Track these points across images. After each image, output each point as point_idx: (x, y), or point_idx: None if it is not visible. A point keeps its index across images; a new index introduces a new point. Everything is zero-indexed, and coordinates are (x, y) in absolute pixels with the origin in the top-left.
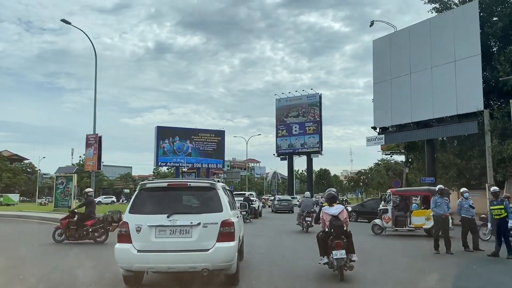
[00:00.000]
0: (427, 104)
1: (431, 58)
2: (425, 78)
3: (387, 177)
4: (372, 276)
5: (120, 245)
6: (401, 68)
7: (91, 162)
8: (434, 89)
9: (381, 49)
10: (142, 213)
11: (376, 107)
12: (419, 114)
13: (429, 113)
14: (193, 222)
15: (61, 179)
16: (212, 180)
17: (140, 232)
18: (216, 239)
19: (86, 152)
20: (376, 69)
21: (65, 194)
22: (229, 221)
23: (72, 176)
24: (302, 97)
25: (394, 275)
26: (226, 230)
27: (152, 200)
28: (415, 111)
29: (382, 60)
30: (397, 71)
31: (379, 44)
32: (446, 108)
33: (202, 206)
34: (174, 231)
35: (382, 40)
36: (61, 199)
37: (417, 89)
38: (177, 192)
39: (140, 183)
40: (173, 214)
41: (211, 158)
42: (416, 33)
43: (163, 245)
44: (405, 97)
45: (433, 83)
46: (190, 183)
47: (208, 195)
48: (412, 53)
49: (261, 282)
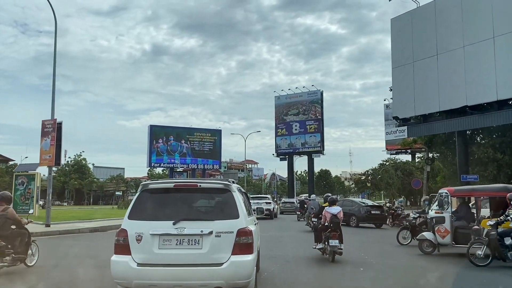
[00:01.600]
0: (459, 90)
1: (463, 35)
2: (456, 59)
3: (396, 177)
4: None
5: (116, 257)
6: (426, 49)
7: (47, 156)
8: (467, 72)
9: (401, 28)
10: (143, 219)
11: (396, 95)
12: (448, 101)
13: (461, 100)
14: (204, 231)
15: (21, 179)
16: (226, 181)
17: (141, 241)
18: (231, 251)
19: (42, 142)
20: (395, 51)
21: (26, 197)
22: (246, 229)
23: (35, 175)
24: (303, 94)
25: None
26: (243, 241)
27: (156, 204)
28: (443, 98)
29: (402, 41)
30: (421, 52)
31: (399, 22)
32: (483, 94)
33: (215, 212)
34: (181, 241)
35: (402, 18)
36: (21, 203)
37: (446, 73)
38: (185, 194)
39: (142, 183)
40: (180, 220)
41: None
42: (444, 8)
43: (168, 258)
44: (432, 82)
45: (466, 64)
46: (201, 184)
47: (221, 199)
48: (439, 31)
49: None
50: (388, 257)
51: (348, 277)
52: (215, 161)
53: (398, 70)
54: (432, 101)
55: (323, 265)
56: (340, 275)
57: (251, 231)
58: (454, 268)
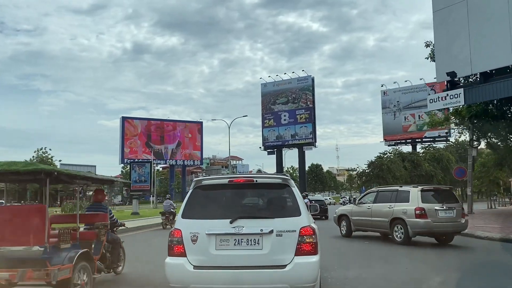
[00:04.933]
0: None
1: None
2: None
3: (404, 169)
4: None
5: (172, 259)
6: None
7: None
8: None
9: None
10: (198, 218)
11: (440, 49)
12: None
13: None
14: (264, 230)
15: None
16: (284, 175)
17: (197, 242)
18: (295, 252)
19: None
20: None
21: None
22: (309, 228)
23: None
24: (292, 80)
25: None
26: (307, 240)
27: (210, 201)
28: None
29: None
30: None
31: None
32: None
33: (274, 209)
34: (240, 241)
35: None
36: None
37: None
38: (240, 190)
39: (194, 180)
40: (237, 218)
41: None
42: None
43: (226, 260)
44: (498, 26)
45: None
46: (257, 179)
47: (281, 194)
48: None
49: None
50: None
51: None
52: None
53: (442, 14)
54: (500, 52)
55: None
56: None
57: (315, 229)
58: None
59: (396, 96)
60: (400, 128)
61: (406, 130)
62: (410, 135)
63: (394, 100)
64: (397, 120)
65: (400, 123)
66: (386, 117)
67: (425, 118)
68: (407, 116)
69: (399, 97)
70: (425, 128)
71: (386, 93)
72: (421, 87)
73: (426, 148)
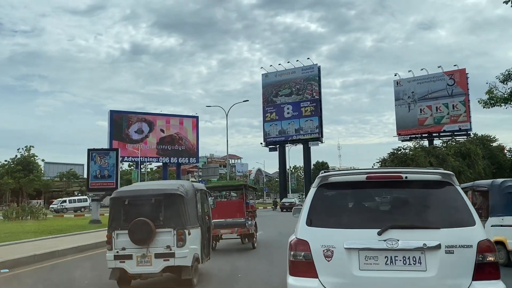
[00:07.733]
0: None
1: None
2: None
3: (430, 164)
4: None
5: (295, 280)
6: None
7: None
8: None
9: None
10: (330, 226)
11: None
12: None
13: None
14: (428, 244)
15: None
16: (442, 170)
17: (332, 259)
18: (473, 276)
19: None
20: None
21: None
22: (489, 243)
23: None
24: (296, 70)
25: None
26: (488, 259)
27: (343, 205)
28: None
29: None
30: None
31: None
32: None
33: (437, 215)
34: (394, 260)
35: None
36: None
37: None
38: (383, 190)
39: (319, 176)
40: (388, 228)
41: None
42: None
43: (375, 284)
44: None
45: None
46: (407, 175)
47: (442, 196)
48: None
49: None
50: None
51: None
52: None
53: None
54: None
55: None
56: None
57: (494, 244)
58: None
59: (410, 86)
60: (415, 121)
61: (422, 124)
62: (426, 129)
63: (408, 90)
64: (412, 113)
65: (415, 116)
66: (400, 110)
67: (443, 110)
68: (423, 108)
69: (414, 87)
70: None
71: (399, 83)
72: (438, 76)
73: (447, 142)
